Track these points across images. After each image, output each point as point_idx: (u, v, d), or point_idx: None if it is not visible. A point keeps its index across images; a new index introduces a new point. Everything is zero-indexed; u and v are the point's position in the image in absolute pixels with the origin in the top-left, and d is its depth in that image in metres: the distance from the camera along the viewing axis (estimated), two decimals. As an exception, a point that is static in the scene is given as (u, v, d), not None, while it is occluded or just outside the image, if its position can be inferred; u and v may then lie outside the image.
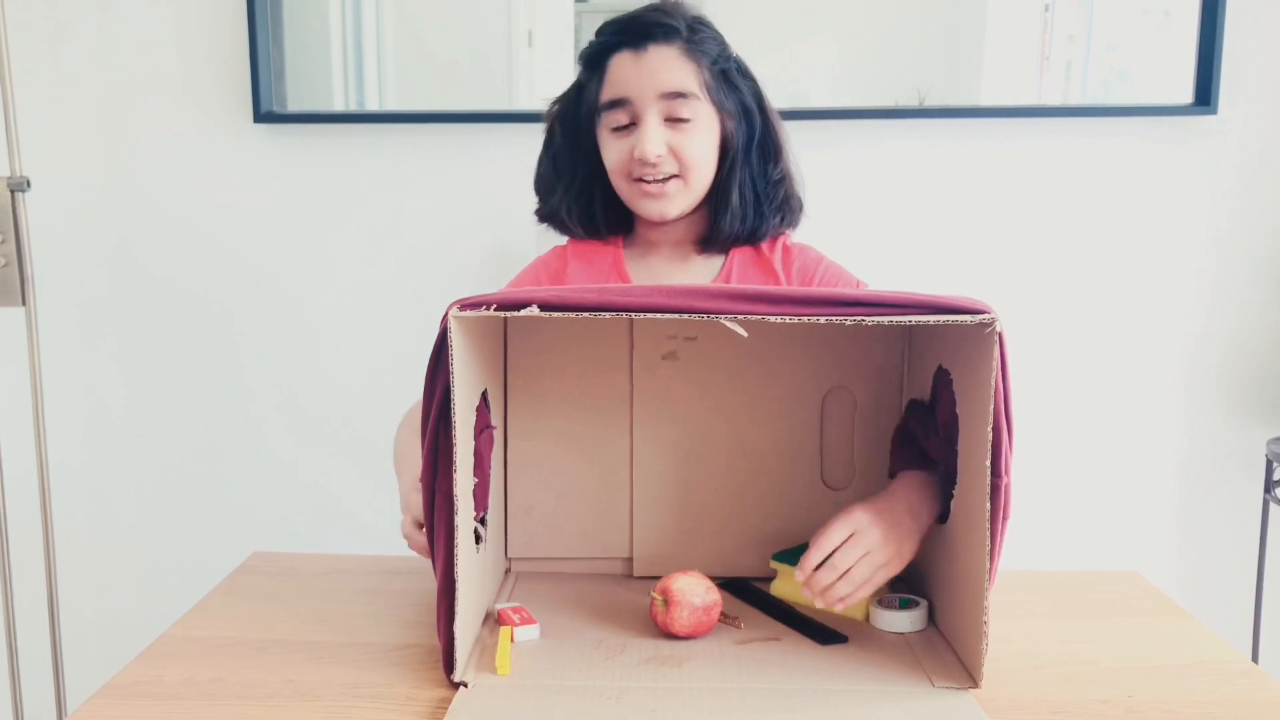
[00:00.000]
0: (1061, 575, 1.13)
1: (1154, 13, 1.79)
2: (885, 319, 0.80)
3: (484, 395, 0.97)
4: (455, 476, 0.84)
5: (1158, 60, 1.79)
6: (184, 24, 1.84)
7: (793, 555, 1.05)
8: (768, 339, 1.07)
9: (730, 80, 1.23)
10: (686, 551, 1.10)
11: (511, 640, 0.93)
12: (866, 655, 0.92)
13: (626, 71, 1.18)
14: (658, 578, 1.09)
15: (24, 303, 1.66)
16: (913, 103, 1.80)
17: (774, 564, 1.05)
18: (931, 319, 0.81)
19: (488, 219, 1.86)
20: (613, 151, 1.21)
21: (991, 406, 0.82)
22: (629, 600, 1.04)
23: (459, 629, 0.86)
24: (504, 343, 1.07)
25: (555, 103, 1.30)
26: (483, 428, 0.96)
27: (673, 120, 1.19)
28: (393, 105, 1.86)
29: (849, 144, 1.82)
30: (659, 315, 0.81)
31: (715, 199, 1.25)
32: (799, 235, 1.41)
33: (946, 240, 1.84)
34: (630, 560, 1.11)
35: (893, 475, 1.04)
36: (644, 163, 1.18)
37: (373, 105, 1.86)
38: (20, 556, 1.82)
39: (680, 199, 1.22)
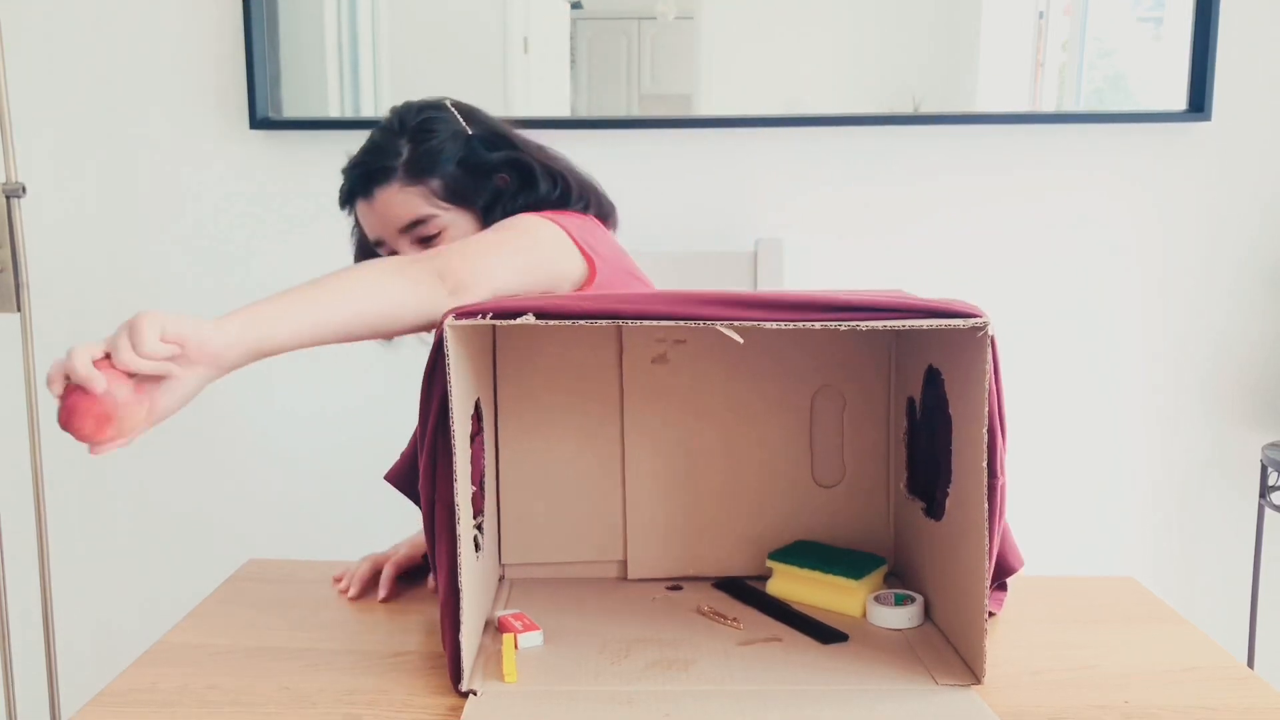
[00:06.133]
0: (1057, 581, 1.13)
1: (1148, 20, 1.80)
2: (879, 323, 0.81)
3: (476, 402, 0.97)
4: (455, 485, 0.84)
5: (1152, 67, 1.80)
6: (180, 30, 1.84)
7: (789, 554, 1.05)
8: (756, 341, 1.07)
9: (473, 161, 1.22)
10: (681, 553, 1.10)
11: (515, 647, 0.93)
12: (868, 653, 0.93)
13: (367, 219, 1.24)
14: (653, 580, 1.09)
15: (19, 309, 1.66)
16: (908, 109, 1.81)
17: (770, 563, 1.05)
18: (925, 323, 0.82)
19: (483, 225, 1.86)
20: None
21: (985, 408, 0.83)
22: (627, 603, 1.04)
23: (464, 637, 0.86)
24: (493, 349, 1.07)
25: (355, 226, 1.31)
26: (475, 434, 0.96)
27: (424, 240, 1.21)
28: (388, 111, 1.86)
29: (844, 150, 1.83)
30: (656, 322, 0.81)
31: None
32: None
33: (941, 245, 1.85)
34: (624, 563, 1.11)
35: None
36: None
37: (368, 111, 1.86)
38: (15, 563, 1.81)
39: None
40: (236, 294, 1.90)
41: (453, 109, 1.26)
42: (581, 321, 0.82)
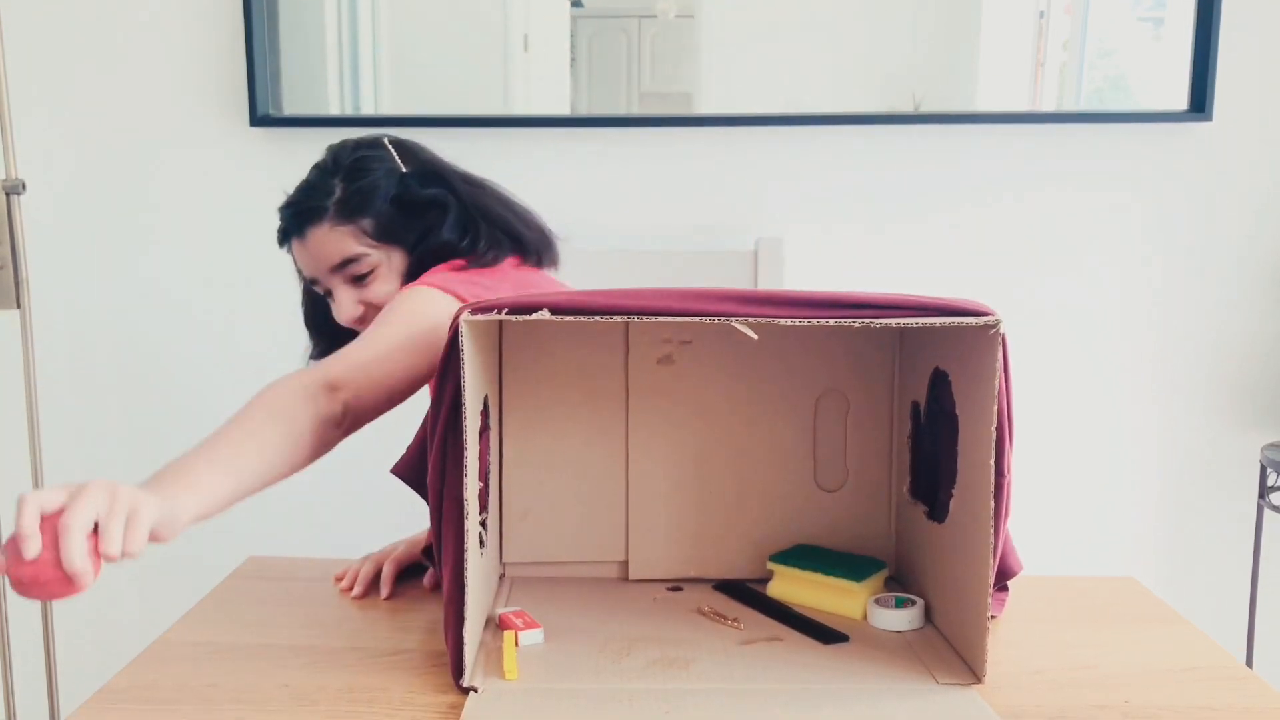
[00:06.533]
0: (1057, 581, 1.13)
1: (1148, 19, 1.80)
2: (892, 321, 0.82)
3: (484, 399, 0.97)
4: (465, 480, 0.85)
5: (1152, 67, 1.80)
6: (180, 28, 1.84)
7: (790, 557, 1.05)
8: (762, 343, 1.07)
9: (405, 199, 1.21)
10: (682, 554, 1.10)
11: (516, 644, 0.93)
12: (869, 653, 0.93)
13: (301, 257, 1.23)
14: (654, 581, 1.09)
15: (19, 306, 1.66)
16: (908, 108, 1.81)
17: (771, 565, 1.05)
18: (937, 321, 0.82)
19: (484, 223, 1.86)
20: (334, 314, 1.24)
21: (995, 407, 0.83)
22: (628, 603, 1.04)
23: (468, 633, 0.86)
24: (499, 347, 1.07)
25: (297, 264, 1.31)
26: (481, 430, 0.96)
27: (356, 279, 1.20)
28: (388, 109, 1.86)
29: (844, 149, 1.83)
30: (669, 318, 0.82)
31: None
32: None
33: (941, 245, 1.85)
34: (625, 564, 1.11)
35: None
36: (350, 325, 1.22)
37: (368, 109, 1.86)
38: (13, 561, 1.81)
39: None
40: (235, 291, 1.90)
41: (390, 146, 1.25)
42: (596, 317, 0.82)
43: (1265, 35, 1.78)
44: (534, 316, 0.82)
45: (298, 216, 1.21)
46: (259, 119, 1.82)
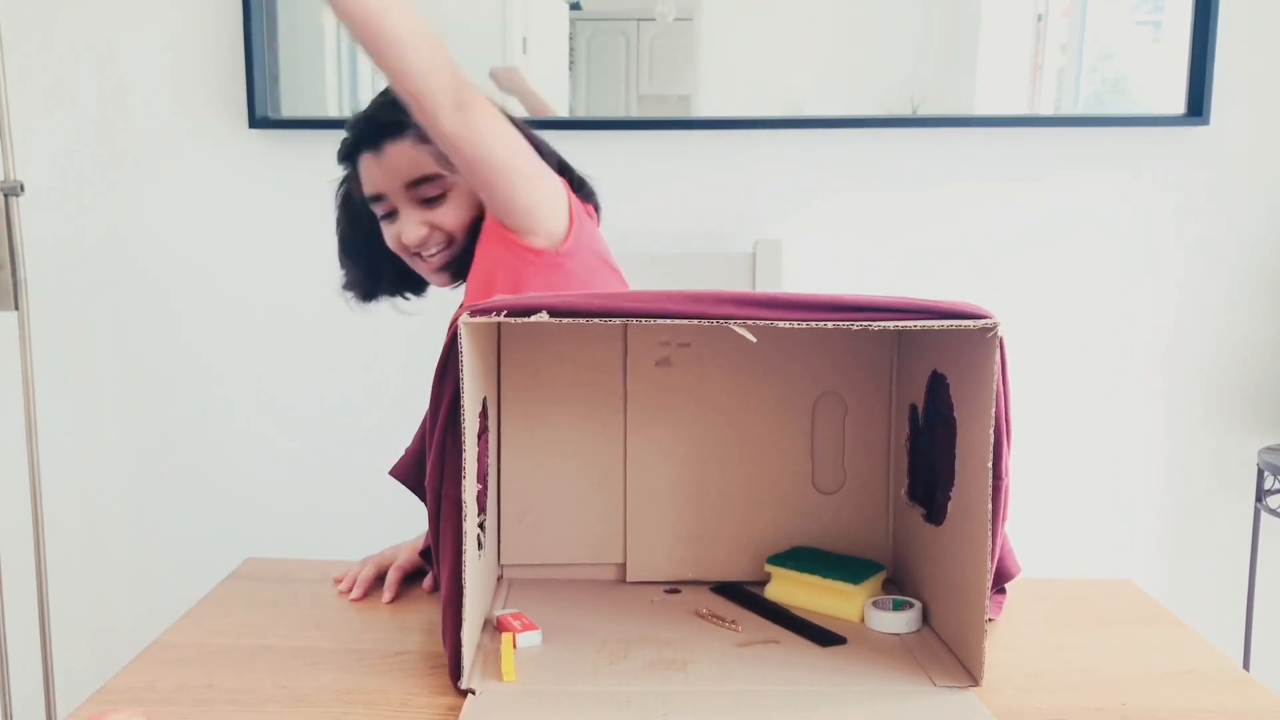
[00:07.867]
0: (1054, 583, 1.13)
1: (1146, 23, 1.80)
2: (890, 324, 0.82)
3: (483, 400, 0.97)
4: (463, 482, 0.85)
5: (1150, 71, 1.81)
6: (179, 30, 1.84)
7: (788, 559, 1.05)
8: (760, 345, 1.07)
9: None
10: (680, 556, 1.10)
11: (514, 646, 0.93)
12: (866, 656, 0.93)
13: (372, 171, 1.24)
14: (652, 583, 1.09)
15: (16, 307, 1.66)
16: (906, 111, 1.81)
17: (769, 567, 1.05)
18: (935, 324, 0.82)
19: (482, 225, 1.86)
20: (386, 237, 1.26)
21: (993, 410, 0.83)
22: (625, 605, 1.04)
23: (466, 634, 0.86)
24: (497, 349, 1.07)
25: (339, 186, 1.32)
26: (480, 432, 0.96)
27: (427, 201, 1.22)
28: (388, 111, 1.86)
29: (843, 151, 1.83)
30: (668, 321, 0.82)
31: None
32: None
33: (938, 247, 1.85)
34: (624, 566, 1.11)
35: None
36: (411, 246, 1.24)
37: (368, 111, 1.86)
38: (11, 562, 1.81)
39: (454, 266, 1.27)
40: (233, 294, 1.90)
41: None
42: (595, 319, 0.82)
43: (1263, 40, 1.78)
44: (532, 319, 0.82)
45: (377, 129, 1.22)
46: (258, 121, 1.82)
